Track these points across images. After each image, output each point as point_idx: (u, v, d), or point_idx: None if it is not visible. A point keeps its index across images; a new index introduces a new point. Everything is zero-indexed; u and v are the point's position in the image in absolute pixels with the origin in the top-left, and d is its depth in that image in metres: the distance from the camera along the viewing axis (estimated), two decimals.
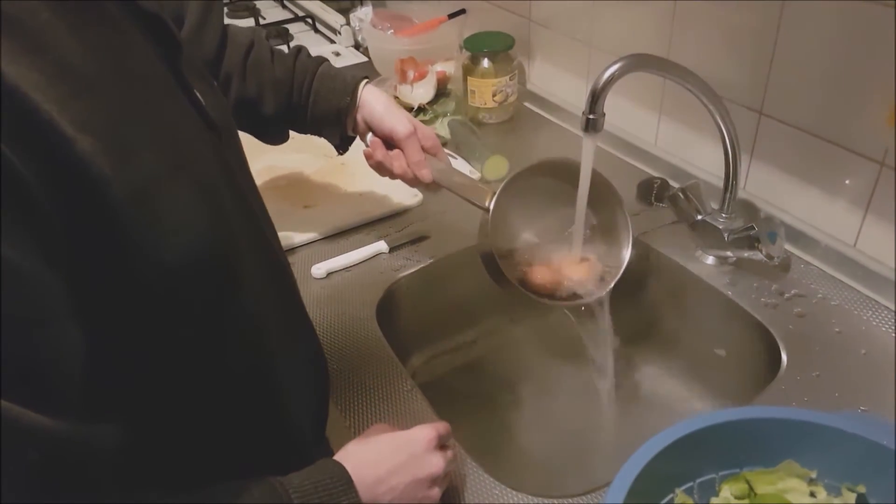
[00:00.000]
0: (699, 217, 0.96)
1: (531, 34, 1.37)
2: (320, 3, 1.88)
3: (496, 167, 1.17)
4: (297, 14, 1.89)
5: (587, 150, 0.80)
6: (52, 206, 0.41)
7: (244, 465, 0.61)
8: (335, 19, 1.77)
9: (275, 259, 0.68)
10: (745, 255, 0.93)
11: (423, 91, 1.33)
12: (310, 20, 1.85)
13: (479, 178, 1.18)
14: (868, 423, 0.61)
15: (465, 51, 1.35)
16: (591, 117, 0.79)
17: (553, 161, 0.87)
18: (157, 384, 0.53)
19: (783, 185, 0.98)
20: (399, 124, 0.87)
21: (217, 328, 0.56)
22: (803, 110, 0.92)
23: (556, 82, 1.36)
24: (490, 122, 1.36)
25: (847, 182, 0.90)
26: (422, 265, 1.01)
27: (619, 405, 1.00)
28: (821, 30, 0.86)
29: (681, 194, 0.97)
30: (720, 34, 0.99)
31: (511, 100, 1.36)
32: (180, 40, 0.56)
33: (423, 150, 0.89)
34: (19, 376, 0.40)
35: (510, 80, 1.33)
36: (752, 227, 0.90)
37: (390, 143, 0.89)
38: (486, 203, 0.83)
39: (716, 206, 0.96)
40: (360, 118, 0.90)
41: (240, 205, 0.59)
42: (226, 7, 1.94)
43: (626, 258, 0.85)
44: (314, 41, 1.78)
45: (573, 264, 0.86)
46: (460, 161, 1.21)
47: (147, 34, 0.53)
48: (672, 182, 1.09)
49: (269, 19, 1.87)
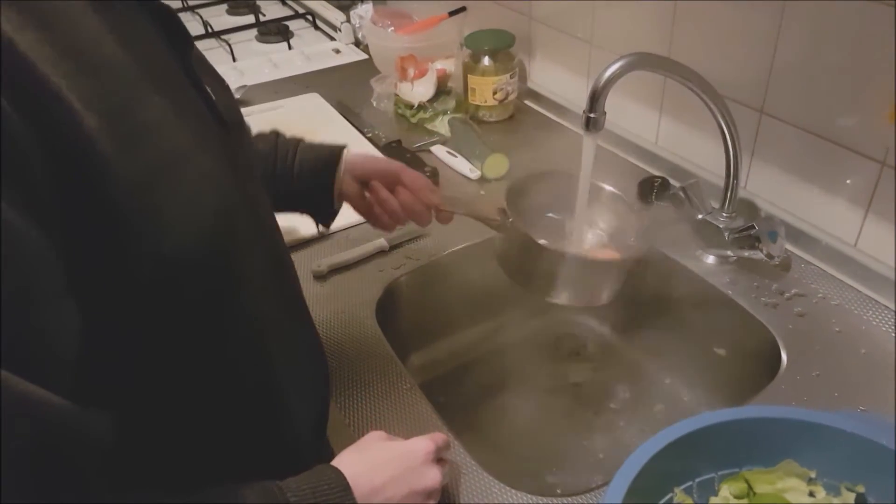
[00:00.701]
0: (700, 216, 0.95)
1: (532, 32, 1.37)
2: (321, 0, 1.88)
3: (496, 165, 1.17)
4: (297, 11, 1.89)
5: (588, 149, 0.80)
6: (55, 180, 0.41)
7: (242, 465, 0.61)
8: (335, 16, 1.77)
9: (279, 257, 0.68)
10: (746, 254, 0.93)
11: (424, 89, 1.33)
12: (310, 17, 1.85)
13: (480, 177, 1.17)
14: (868, 423, 0.61)
15: (465, 48, 1.34)
16: (592, 116, 0.79)
17: (551, 172, 0.88)
18: (155, 378, 0.53)
19: (784, 184, 0.98)
20: (393, 163, 0.87)
21: (217, 325, 0.55)
22: (804, 109, 0.91)
23: (557, 80, 1.36)
24: (490, 120, 1.36)
25: (848, 181, 0.90)
26: (421, 263, 1.01)
27: (619, 404, 1.00)
28: (822, 28, 0.86)
29: (681, 193, 0.97)
30: (721, 33, 0.99)
31: (511, 98, 1.36)
32: (190, 35, 0.56)
33: None
34: (12, 345, 0.39)
35: (511, 77, 1.33)
36: (752, 227, 0.90)
37: (391, 181, 0.87)
38: (497, 214, 0.83)
39: (716, 205, 0.96)
40: (349, 178, 0.87)
41: (246, 202, 0.59)
42: (226, 4, 1.94)
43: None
44: (314, 38, 1.78)
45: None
46: (460, 159, 1.21)
47: (158, 29, 0.53)
48: (673, 181, 1.09)
49: (269, 16, 1.87)
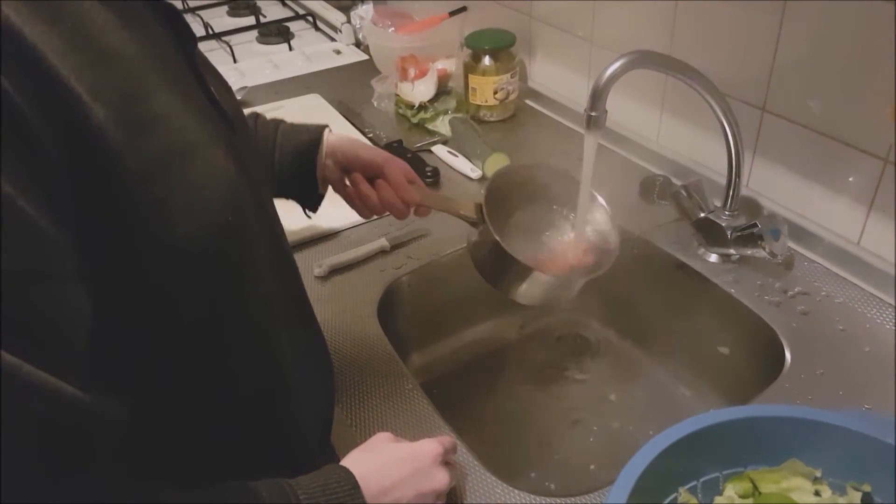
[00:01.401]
0: (702, 214, 0.95)
1: (532, 31, 1.36)
2: (321, 0, 1.87)
3: (497, 165, 1.17)
4: (297, 12, 1.89)
5: (589, 148, 0.80)
6: (66, 169, 0.41)
7: (250, 462, 0.61)
8: (336, 17, 1.77)
9: (284, 255, 0.68)
10: (749, 252, 0.93)
11: (424, 89, 1.33)
12: (310, 18, 1.85)
13: (481, 176, 1.17)
14: (872, 421, 0.60)
15: (466, 48, 1.34)
16: (593, 114, 0.79)
17: (529, 166, 0.89)
18: (162, 373, 0.53)
19: (786, 182, 0.97)
20: (377, 155, 0.86)
21: (225, 321, 0.56)
22: (807, 107, 0.91)
23: (558, 79, 1.36)
24: (491, 119, 1.36)
25: (850, 179, 0.89)
26: (423, 263, 1.00)
27: (622, 404, 1.00)
28: (824, 26, 0.85)
29: (683, 192, 0.96)
30: (723, 30, 0.98)
31: (512, 97, 1.35)
32: (194, 34, 0.57)
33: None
34: (23, 330, 0.39)
35: (511, 77, 1.33)
36: (755, 225, 0.90)
37: (372, 174, 0.87)
38: (474, 213, 0.83)
39: (719, 203, 0.96)
40: (331, 163, 0.87)
41: (252, 199, 0.59)
42: (226, 6, 1.94)
43: (616, 241, 0.85)
44: (315, 39, 1.78)
45: (576, 255, 0.86)
46: (461, 159, 1.21)
47: (163, 26, 0.54)
48: (674, 179, 1.09)
49: (270, 17, 1.87)
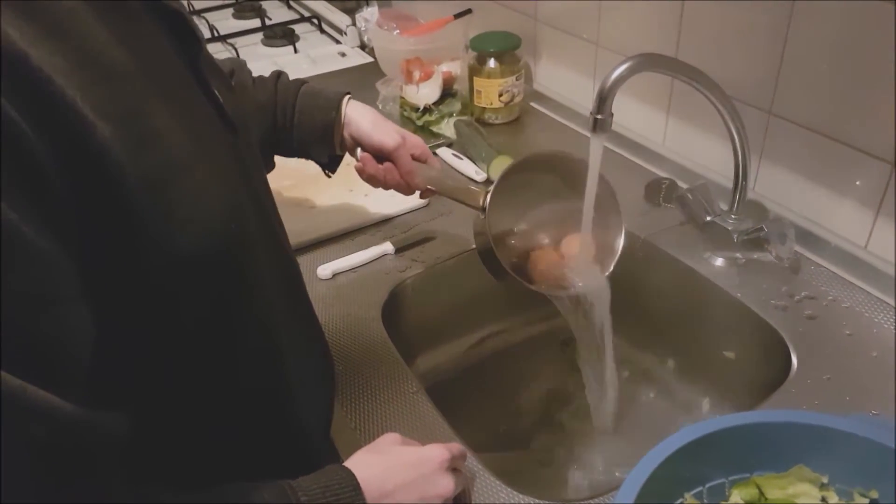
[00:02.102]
0: (708, 218, 0.95)
1: (537, 34, 1.36)
2: (326, 3, 1.88)
3: (502, 168, 1.16)
4: (302, 15, 1.89)
5: (595, 151, 0.79)
6: (68, 189, 0.41)
7: (252, 463, 0.61)
8: (341, 20, 1.77)
9: (286, 259, 0.69)
10: (755, 256, 0.92)
11: (429, 91, 1.33)
12: (315, 21, 1.85)
13: (485, 179, 1.17)
14: (879, 427, 0.60)
15: (470, 51, 1.34)
16: (599, 117, 0.79)
17: (545, 154, 0.87)
18: (166, 378, 0.53)
19: (793, 185, 0.97)
20: (387, 138, 0.88)
21: (228, 325, 0.56)
22: (813, 110, 0.91)
23: (563, 82, 1.35)
24: (496, 122, 1.36)
25: (858, 182, 0.89)
26: (427, 266, 1.00)
27: (627, 408, 0.99)
28: (831, 29, 0.85)
29: (689, 195, 0.96)
30: (729, 33, 0.98)
31: (517, 100, 1.35)
32: (201, 39, 0.57)
33: (414, 158, 0.90)
34: (26, 352, 0.39)
35: (516, 80, 1.33)
36: (761, 229, 0.90)
37: (381, 157, 0.89)
38: (480, 203, 0.83)
39: (725, 206, 0.96)
40: (346, 134, 0.90)
41: (254, 203, 0.60)
42: (232, 8, 1.94)
43: (620, 246, 0.85)
44: (320, 42, 1.78)
45: (575, 251, 0.86)
46: (466, 161, 1.21)
47: (168, 31, 0.53)
48: (680, 182, 1.09)
49: (275, 20, 1.87)
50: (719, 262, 0.96)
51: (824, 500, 0.62)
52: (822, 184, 0.93)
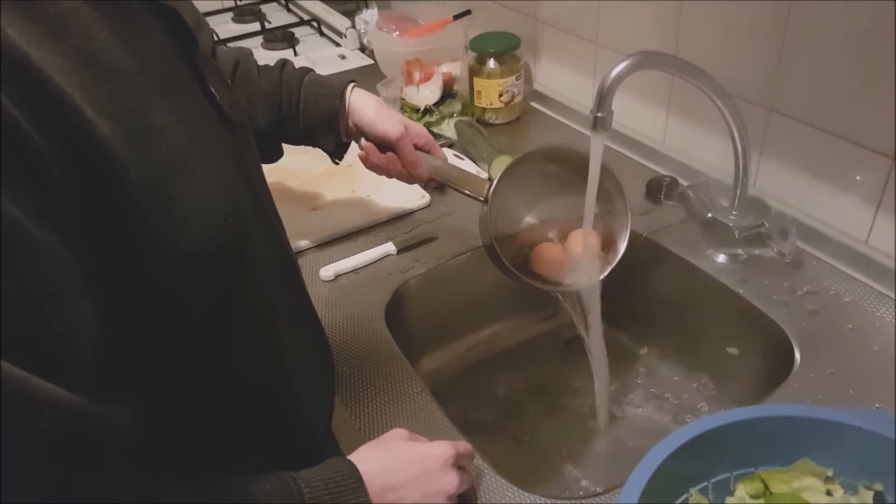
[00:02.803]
0: (709, 215, 0.95)
1: (537, 34, 1.37)
2: (325, 6, 1.88)
3: (503, 167, 1.16)
4: (302, 18, 1.90)
5: (596, 149, 0.80)
6: (70, 186, 0.42)
7: (255, 456, 0.62)
8: (340, 22, 1.77)
9: (285, 255, 0.69)
10: (757, 252, 0.92)
11: (430, 92, 1.33)
12: (315, 23, 1.85)
13: (487, 179, 1.17)
14: (883, 420, 0.60)
15: (470, 51, 1.34)
16: (600, 115, 0.79)
17: (550, 148, 0.87)
18: (169, 372, 0.54)
19: (794, 181, 0.97)
20: (390, 127, 0.88)
21: (228, 318, 0.56)
22: (813, 106, 0.91)
23: (563, 81, 1.36)
24: (497, 122, 1.36)
25: (858, 178, 0.89)
26: (430, 266, 1.00)
27: (631, 405, 0.99)
28: (830, 25, 0.85)
29: (690, 192, 0.96)
30: (728, 30, 0.98)
31: (517, 100, 1.35)
32: (197, 37, 0.57)
33: (417, 147, 0.90)
34: (31, 345, 0.40)
35: (516, 80, 1.33)
36: (762, 225, 0.90)
37: (384, 146, 0.89)
38: (485, 193, 0.84)
39: (726, 203, 0.96)
40: (351, 123, 0.91)
41: (253, 200, 0.60)
42: (231, 12, 1.95)
43: (623, 245, 0.85)
44: (319, 44, 1.79)
45: (580, 240, 0.86)
46: (467, 162, 1.21)
47: (165, 30, 0.54)
48: (681, 180, 1.09)
49: (275, 23, 1.87)
50: (721, 258, 0.96)
51: (829, 493, 0.62)
52: (823, 179, 0.93)
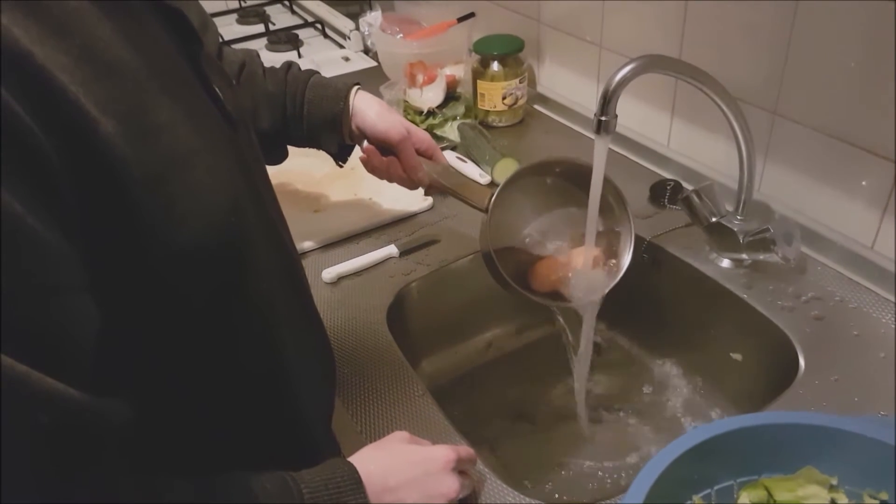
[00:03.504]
0: (713, 219, 0.94)
1: (541, 36, 1.36)
2: (329, 8, 1.88)
3: (506, 170, 1.16)
4: (306, 20, 1.90)
5: (599, 153, 0.79)
6: (72, 183, 0.42)
7: (254, 454, 0.62)
8: (344, 24, 1.77)
9: (286, 254, 0.69)
10: (761, 257, 0.92)
11: (433, 95, 1.33)
12: (319, 25, 1.85)
13: (490, 182, 1.17)
14: (889, 428, 0.59)
15: (474, 54, 1.34)
16: (604, 119, 0.79)
17: (555, 161, 0.87)
18: (168, 369, 0.54)
19: (799, 186, 0.96)
20: (391, 130, 0.88)
21: (228, 315, 0.56)
22: (818, 110, 0.90)
23: (567, 84, 1.35)
24: (500, 125, 1.36)
25: (864, 182, 0.88)
26: (432, 269, 1.00)
27: (634, 411, 0.99)
28: (835, 28, 0.85)
29: (694, 196, 0.96)
30: (733, 34, 0.98)
31: (521, 103, 1.35)
32: (201, 36, 0.57)
33: (419, 152, 0.90)
34: (32, 341, 0.40)
35: (520, 82, 1.33)
36: (767, 229, 0.89)
37: (385, 149, 0.89)
38: (485, 204, 0.83)
39: (730, 207, 0.95)
40: (354, 125, 0.91)
41: (254, 198, 0.61)
42: (236, 14, 1.95)
43: (627, 261, 0.85)
44: (323, 46, 1.79)
45: (582, 258, 0.85)
46: (470, 165, 1.21)
47: (169, 30, 0.54)
48: (685, 184, 1.08)
49: (279, 25, 1.87)
50: (725, 263, 0.96)
51: (833, 501, 0.61)
52: (828, 184, 0.93)
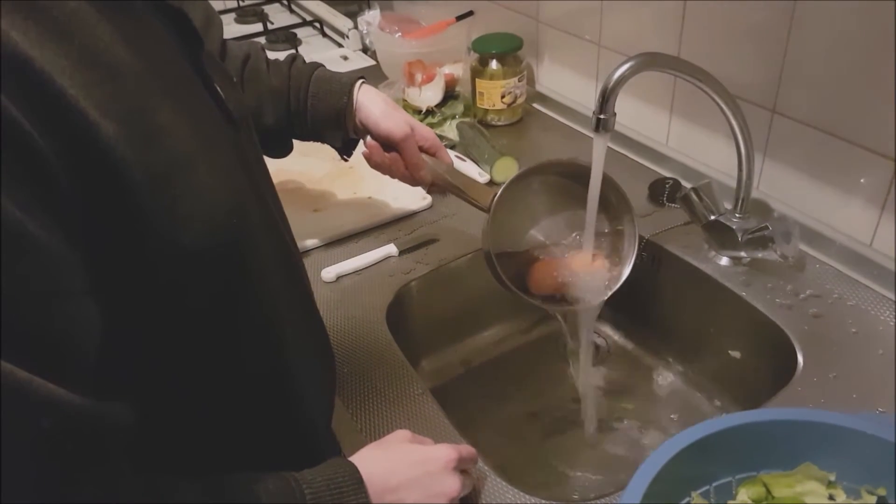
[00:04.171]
0: (712, 217, 0.95)
1: (539, 35, 1.36)
2: (328, 7, 1.88)
3: (505, 169, 1.17)
4: (304, 19, 1.90)
5: (598, 151, 0.80)
6: (73, 186, 0.42)
7: (257, 453, 0.62)
8: (343, 23, 1.77)
9: (288, 253, 0.69)
10: (760, 255, 0.92)
11: (432, 94, 1.33)
12: (317, 24, 1.85)
13: (489, 181, 1.17)
14: (887, 425, 0.60)
15: (473, 53, 1.34)
16: (602, 117, 0.79)
17: (559, 162, 0.87)
18: (172, 369, 0.54)
19: (797, 183, 0.97)
20: (395, 127, 0.87)
21: (232, 315, 0.57)
22: (817, 108, 0.91)
23: (566, 83, 1.35)
24: (499, 123, 1.36)
25: (862, 180, 0.89)
26: (432, 268, 1.00)
27: (632, 408, 0.99)
28: (833, 26, 0.85)
29: (693, 194, 0.96)
30: (731, 32, 0.98)
31: (520, 101, 1.35)
32: (202, 36, 0.57)
33: (422, 150, 0.89)
34: (34, 346, 0.40)
35: (519, 81, 1.33)
36: (766, 227, 0.89)
37: (388, 146, 0.89)
38: (488, 204, 0.83)
39: (729, 205, 0.95)
40: (357, 120, 0.90)
41: (257, 197, 0.61)
42: (234, 13, 1.95)
43: (629, 268, 0.85)
44: (322, 45, 1.79)
45: (582, 261, 0.85)
46: (469, 163, 1.21)
47: (170, 30, 0.54)
48: (684, 182, 1.09)
49: (277, 24, 1.87)
50: (724, 261, 0.96)
51: (832, 498, 0.61)
52: (827, 182, 0.93)
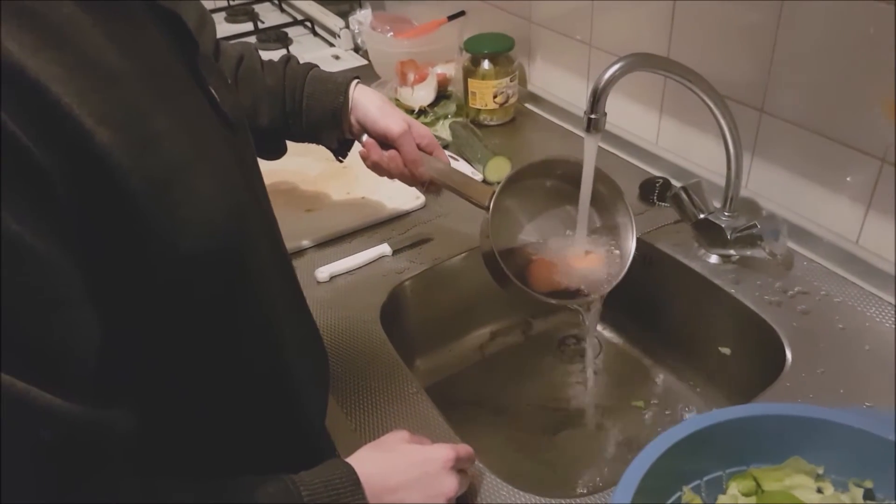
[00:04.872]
0: (702, 216, 0.96)
1: (531, 35, 1.37)
2: (319, 6, 1.88)
3: (498, 169, 1.17)
4: (295, 18, 1.90)
5: (589, 150, 0.80)
6: (71, 195, 0.42)
7: (257, 453, 0.62)
8: (334, 22, 1.77)
9: (280, 250, 0.69)
10: (748, 253, 0.93)
11: (424, 93, 1.33)
12: (309, 24, 1.85)
13: (482, 180, 1.18)
14: (873, 419, 0.61)
15: (465, 52, 1.35)
16: (593, 117, 0.80)
17: (554, 160, 0.87)
18: (172, 372, 0.54)
19: (785, 182, 0.98)
20: (393, 124, 0.87)
21: (230, 320, 0.57)
22: (804, 108, 0.92)
23: (557, 83, 1.36)
24: (491, 123, 1.37)
25: (849, 179, 0.90)
26: (425, 267, 1.01)
27: (624, 405, 1.00)
28: (820, 27, 0.86)
29: (683, 193, 0.97)
30: (720, 32, 0.99)
31: (512, 101, 1.36)
32: (197, 39, 0.57)
33: (420, 148, 0.89)
34: (33, 357, 0.40)
35: (511, 81, 1.33)
36: (754, 225, 0.90)
37: (386, 144, 0.89)
38: (486, 202, 0.83)
39: (718, 204, 0.97)
40: (353, 119, 0.90)
41: (253, 199, 0.61)
42: (224, 12, 1.94)
43: (630, 255, 0.85)
44: (313, 45, 1.78)
45: (578, 257, 0.86)
46: (462, 163, 1.21)
47: (165, 32, 0.54)
48: (674, 181, 1.10)
49: (268, 23, 1.87)
50: (713, 259, 0.97)
51: (820, 490, 0.62)
52: (814, 180, 0.94)
